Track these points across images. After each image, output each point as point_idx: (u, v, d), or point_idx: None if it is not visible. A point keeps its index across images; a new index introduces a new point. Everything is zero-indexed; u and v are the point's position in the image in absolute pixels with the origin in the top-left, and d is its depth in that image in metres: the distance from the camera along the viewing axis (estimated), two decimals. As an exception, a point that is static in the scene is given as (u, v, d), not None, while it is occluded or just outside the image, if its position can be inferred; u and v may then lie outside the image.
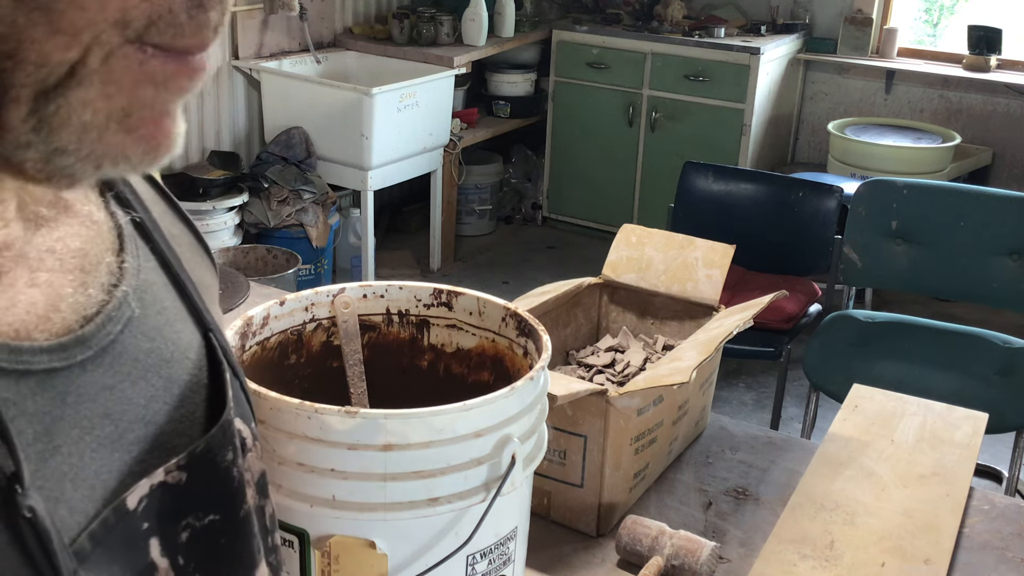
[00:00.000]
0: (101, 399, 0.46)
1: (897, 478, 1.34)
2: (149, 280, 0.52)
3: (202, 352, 0.55)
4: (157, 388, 0.50)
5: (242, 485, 0.54)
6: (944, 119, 4.49)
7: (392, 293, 1.03)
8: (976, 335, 2.58)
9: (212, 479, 0.51)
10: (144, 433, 0.49)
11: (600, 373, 1.47)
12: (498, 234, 4.95)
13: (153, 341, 0.51)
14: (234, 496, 0.53)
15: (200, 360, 0.54)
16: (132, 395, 0.48)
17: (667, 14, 4.66)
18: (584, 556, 1.20)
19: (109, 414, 0.47)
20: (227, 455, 0.52)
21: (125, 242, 0.51)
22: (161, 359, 0.51)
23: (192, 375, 0.53)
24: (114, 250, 0.50)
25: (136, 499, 0.46)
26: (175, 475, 0.49)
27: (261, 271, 3.48)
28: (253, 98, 4.13)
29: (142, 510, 0.47)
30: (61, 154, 0.41)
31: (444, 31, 4.38)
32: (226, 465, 0.52)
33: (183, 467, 0.49)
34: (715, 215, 2.99)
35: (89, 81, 0.40)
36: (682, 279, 1.51)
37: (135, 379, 0.49)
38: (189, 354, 0.53)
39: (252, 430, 0.58)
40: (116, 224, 0.52)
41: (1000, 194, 2.62)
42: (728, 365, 3.63)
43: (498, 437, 0.84)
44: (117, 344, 0.48)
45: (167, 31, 0.41)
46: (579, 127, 4.75)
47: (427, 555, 0.84)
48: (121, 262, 0.50)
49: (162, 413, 0.50)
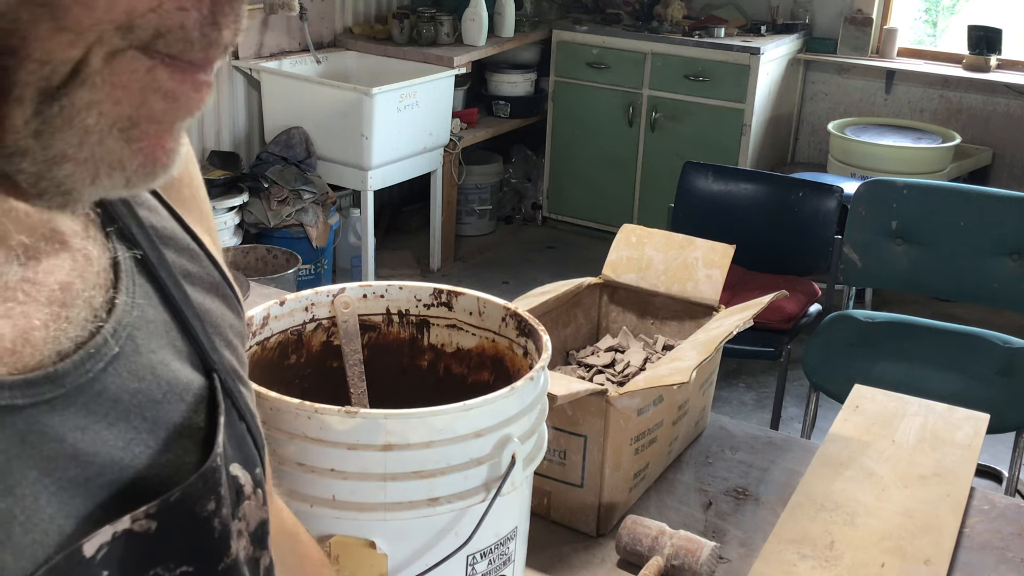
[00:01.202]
0: (70, 440, 0.44)
1: (898, 478, 1.34)
2: (145, 318, 0.50)
3: (202, 395, 0.52)
4: (140, 431, 0.47)
5: (225, 536, 0.50)
6: (944, 119, 4.49)
7: (392, 293, 1.03)
8: (976, 335, 2.58)
9: (188, 529, 0.48)
10: (117, 477, 0.46)
11: (600, 373, 1.47)
12: (498, 234, 4.94)
13: (142, 381, 0.48)
14: (213, 548, 0.50)
15: (198, 403, 0.51)
16: (108, 437, 0.46)
17: (667, 14, 4.66)
18: (584, 556, 1.20)
19: (77, 456, 0.44)
20: (208, 505, 0.49)
21: (121, 278, 0.49)
22: (149, 400, 0.48)
23: (186, 418, 0.50)
24: (106, 286, 0.49)
25: (95, 546, 0.43)
26: (142, 523, 0.45)
27: (261, 271, 3.48)
28: (253, 98, 4.13)
29: (101, 558, 0.44)
30: (59, 162, 0.40)
31: (444, 31, 4.38)
32: (206, 515, 0.49)
33: (152, 515, 0.46)
34: (715, 215, 2.99)
35: (93, 82, 0.39)
36: (682, 279, 1.51)
37: (113, 420, 0.46)
38: (185, 396, 0.51)
39: (255, 476, 0.55)
40: (113, 260, 0.50)
41: (1000, 194, 2.62)
42: (728, 365, 3.63)
43: (498, 437, 0.84)
44: (97, 383, 0.46)
45: (176, 44, 0.41)
46: (579, 127, 4.75)
47: (427, 555, 0.84)
48: (112, 298, 0.48)
49: (143, 457, 0.47)
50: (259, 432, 0.58)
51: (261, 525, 0.55)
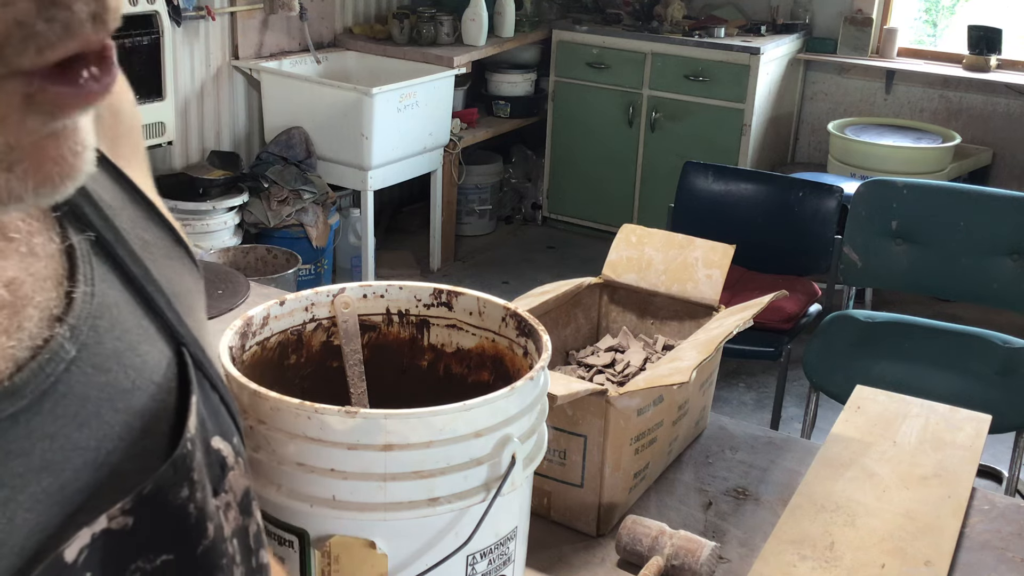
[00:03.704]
0: (38, 451, 0.41)
1: (898, 479, 1.34)
2: (107, 303, 0.47)
3: (172, 371, 0.49)
4: (112, 425, 0.45)
5: (202, 520, 0.48)
6: (944, 119, 4.49)
7: (392, 293, 1.03)
8: (976, 335, 2.58)
9: (164, 519, 0.46)
10: (94, 478, 0.43)
11: (600, 373, 1.46)
12: (498, 234, 4.94)
13: (109, 373, 0.45)
14: (191, 532, 0.48)
15: (168, 381, 0.49)
16: (79, 439, 0.43)
17: (667, 14, 4.66)
18: (584, 556, 1.20)
19: (48, 466, 0.41)
20: (181, 492, 0.47)
21: (77, 266, 0.46)
22: (119, 391, 0.46)
23: (158, 401, 0.48)
24: (59, 278, 0.45)
25: (75, 551, 0.41)
26: (119, 520, 0.43)
27: (261, 271, 3.48)
28: (253, 98, 4.13)
29: (83, 561, 0.42)
30: None
31: (444, 31, 4.38)
32: (180, 503, 0.47)
33: (128, 511, 0.44)
34: (715, 215, 2.99)
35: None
36: (682, 279, 1.51)
37: (83, 420, 0.43)
38: (155, 377, 0.48)
39: (235, 446, 0.53)
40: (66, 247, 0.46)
41: (1000, 194, 2.62)
42: (728, 365, 3.63)
43: (498, 437, 0.84)
44: (60, 385, 0.42)
45: (28, 48, 0.33)
46: (579, 127, 4.75)
47: (427, 555, 0.84)
48: (70, 292, 0.45)
49: (118, 452, 0.45)
50: (232, 400, 0.56)
51: (246, 493, 0.54)
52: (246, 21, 4.03)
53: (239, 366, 0.90)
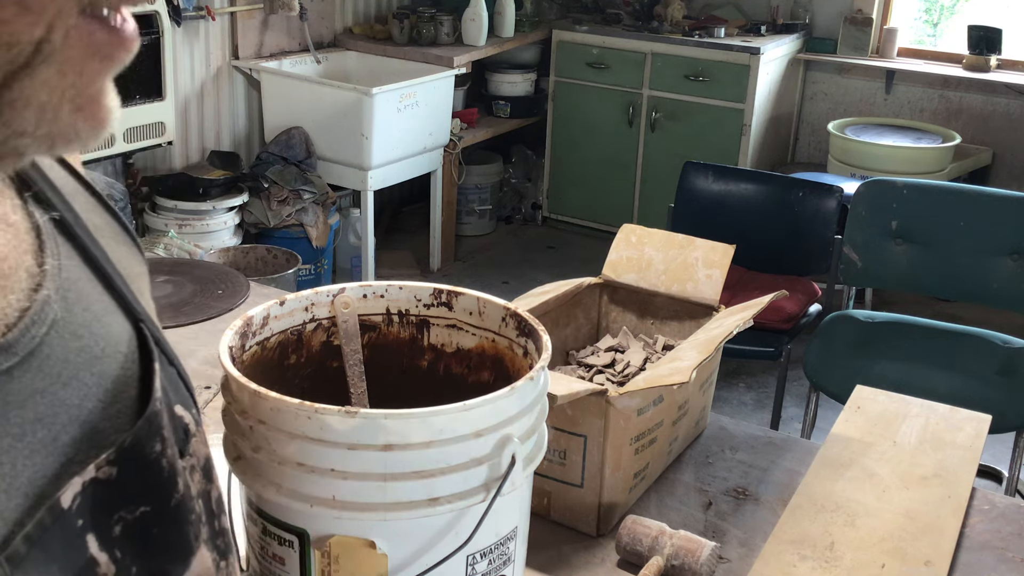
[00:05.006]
0: (31, 404, 0.46)
1: (898, 479, 1.34)
2: (72, 278, 0.52)
3: (133, 344, 0.54)
4: (90, 386, 0.50)
5: (173, 475, 0.53)
6: (944, 119, 4.49)
7: (392, 293, 1.03)
8: (976, 335, 2.58)
9: (141, 471, 0.51)
10: (79, 433, 0.48)
11: (600, 373, 1.46)
12: (498, 234, 4.94)
13: (82, 339, 0.50)
14: (164, 486, 0.53)
15: (132, 352, 0.54)
16: (64, 396, 0.48)
17: (667, 14, 4.66)
18: (584, 556, 1.20)
19: (41, 419, 0.46)
20: (155, 446, 0.52)
21: (45, 242, 0.50)
22: (92, 356, 0.50)
23: (124, 368, 0.53)
24: (34, 252, 0.49)
25: (70, 497, 0.46)
26: (105, 470, 0.49)
27: (261, 271, 3.48)
28: (253, 98, 4.13)
29: (76, 507, 0.47)
30: (19, 137, 0.41)
31: (444, 31, 4.38)
32: (154, 456, 0.52)
33: (112, 462, 0.49)
34: (715, 215, 2.99)
35: (52, 59, 0.40)
36: (682, 279, 1.51)
37: (66, 380, 0.48)
38: (120, 347, 0.53)
39: (194, 415, 0.58)
40: (34, 224, 0.51)
41: (1000, 194, 2.63)
42: (728, 365, 3.63)
43: (498, 437, 0.84)
44: (44, 347, 0.47)
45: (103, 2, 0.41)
46: (579, 127, 4.75)
47: (427, 555, 0.84)
48: (42, 264, 0.49)
49: (96, 411, 0.50)
50: (187, 374, 0.61)
51: (207, 460, 0.59)
52: (246, 21, 4.03)
53: (239, 366, 0.90)
